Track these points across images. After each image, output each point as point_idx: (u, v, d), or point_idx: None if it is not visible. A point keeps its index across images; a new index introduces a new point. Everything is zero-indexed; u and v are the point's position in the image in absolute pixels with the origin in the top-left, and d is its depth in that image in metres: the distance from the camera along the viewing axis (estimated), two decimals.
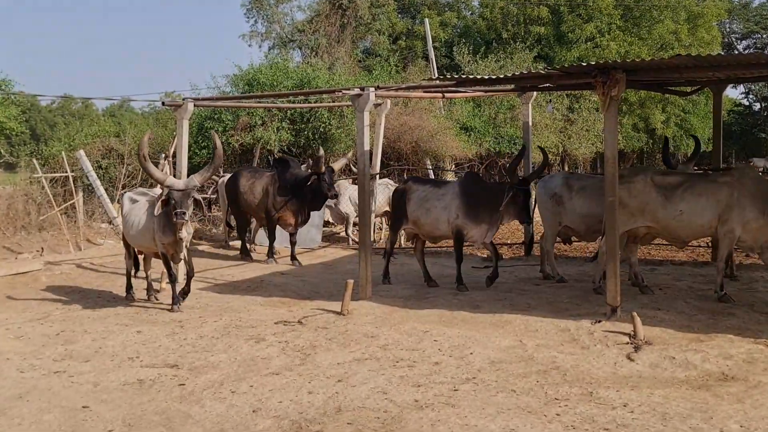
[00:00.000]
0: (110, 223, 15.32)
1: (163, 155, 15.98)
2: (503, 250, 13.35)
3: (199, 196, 8.17)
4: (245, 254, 12.58)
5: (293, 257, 11.97)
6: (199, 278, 10.53)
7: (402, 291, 9.59)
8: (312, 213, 12.26)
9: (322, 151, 11.90)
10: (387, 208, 14.49)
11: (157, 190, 9.05)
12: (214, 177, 13.98)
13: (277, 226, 12.65)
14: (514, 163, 9.35)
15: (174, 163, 12.51)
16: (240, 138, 17.13)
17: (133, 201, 9.05)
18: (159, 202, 8.10)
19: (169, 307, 8.57)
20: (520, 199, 9.10)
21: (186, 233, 8.19)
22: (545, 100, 23.28)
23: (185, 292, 8.64)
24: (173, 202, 7.99)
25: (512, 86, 10.92)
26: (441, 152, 20.98)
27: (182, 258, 8.53)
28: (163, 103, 11.53)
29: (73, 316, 8.41)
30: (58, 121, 33.86)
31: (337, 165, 12.39)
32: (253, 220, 13.06)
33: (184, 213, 7.90)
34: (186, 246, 8.42)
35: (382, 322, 7.84)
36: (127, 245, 9.30)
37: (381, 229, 15.45)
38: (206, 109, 17.19)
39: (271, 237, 12.33)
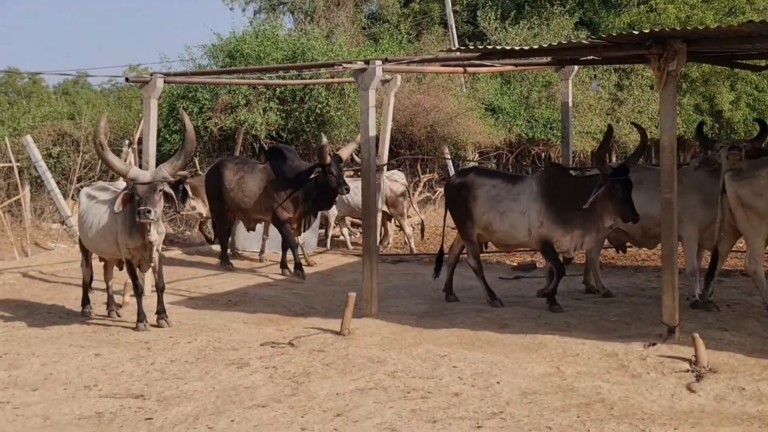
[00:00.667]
0: (63, 223, 15.39)
1: (127, 142, 16.06)
2: (531, 256, 13.35)
3: (170, 190, 8.19)
4: (225, 262, 12.59)
5: (297, 266, 11.72)
6: (170, 290, 10.57)
7: (414, 306, 9.61)
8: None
9: (325, 139, 11.76)
10: (384, 208, 14.48)
11: (121, 184, 9.11)
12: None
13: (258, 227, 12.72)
14: (602, 148, 8.90)
15: (140, 152, 12.56)
16: (219, 121, 17.19)
17: (92, 197, 9.09)
18: (120, 198, 8.14)
19: (134, 325, 8.60)
20: (619, 192, 8.54)
21: (156, 235, 8.23)
22: (588, 75, 23.26)
23: (160, 312, 8.68)
24: (137, 198, 8.03)
25: (549, 59, 10.92)
26: (462, 138, 21.01)
27: (152, 266, 8.57)
28: (126, 79, 11.56)
29: (18, 335, 8.46)
30: None
31: (345, 152, 12.17)
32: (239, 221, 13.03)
33: (150, 211, 7.93)
34: (157, 250, 8.46)
35: (390, 343, 7.86)
36: (84, 250, 9.35)
37: (393, 233, 15.49)
38: (179, 87, 17.26)
39: (287, 242, 11.93)
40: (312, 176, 11.62)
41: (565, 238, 9.00)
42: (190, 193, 8.34)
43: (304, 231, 12.35)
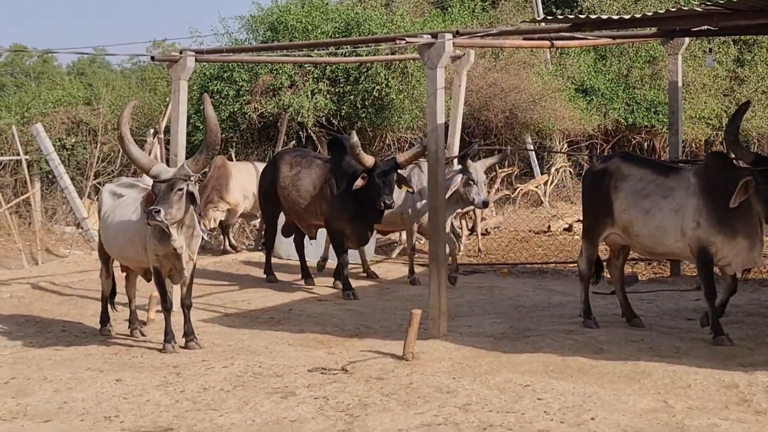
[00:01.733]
0: (79, 226, 15.62)
1: (152, 131, 16.31)
2: (632, 267, 13.21)
3: (194, 190, 8.27)
4: (269, 274, 12.65)
5: (345, 286, 11.61)
6: (201, 305, 10.70)
7: (490, 326, 9.59)
8: None
9: (355, 138, 11.06)
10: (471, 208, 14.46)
11: (149, 180, 9.26)
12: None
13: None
14: (733, 127, 8.38)
15: (167, 143, 12.73)
16: (260, 106, 17.35)
17: (117, 195, 9.24)
18: (145, 197, 8.28)
19: (161, 346, 8.72)
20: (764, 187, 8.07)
21: (180, 241, 8.31)
22: (702, 49, 22.92)
23: (188, 333, 8.78)
24: (155, 196, 8.16)
25: (653, 30, 10.80)
26: (547, 125, 20.91)
27: (185, 278, 8.66)
28: (152, 58, 11.73)
29: (28, 357, 8.62)
30: (5, 82, 34.76)
31: (405, 156, 11.33)
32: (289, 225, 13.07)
33: (159, 211, 7.96)
34: (191, 259, 8.56)
35: (462, 370, 7.84)
36: (105, 258, 9.50)
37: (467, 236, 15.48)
38: (212, 66, 17.47)
39: (340, 257, 11.77)
40: (355, 183, 11.20)
41: (727, 246, 8.49)
42: (197, 196, 8.37)
43: (360, 245, 12.13)
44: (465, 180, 11.51)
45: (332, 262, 12.65)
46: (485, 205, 11.99)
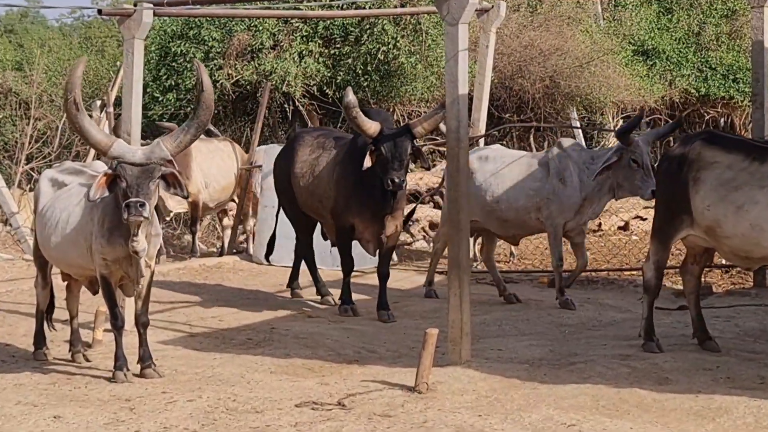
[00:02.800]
0: (7, 223, 15.64)
1: (99, 103, 16.30)
2: (705, 276, 13.20)
3: (171, 169, 8.24)
4: (294, 287, 12.54)
5: (344, 299, 11.53)
6: (161, 323, 10.71)
7: (525, 349, 9.58)
8: None
9: (350, 95, 10.73)
10: None
11: (100, 166, 9.19)
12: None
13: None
14: None
15: (117, 117, 12.72)
16: (234, 72, 17.36)
17: (58, 184, 9.21)
18: (98, 181, 8.21)
19: (110, 373, 8.70)
20: None
21: (145, 243, 8.28)
22: None
23: (144, 358, 8.77)
24: (125, 184, 8.09)
25: None
26: (597, 96, 20.89)
27: (140, 288, 8.65)
28: (99, 11, 11.72)
29: None
30: None
31: (422, 125, 11.11)
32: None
33: (143, 204, 7.96)
34: (148, 266, 8.53)
35: (490, 406, 7.84)
36: (41, 264, 9.46)
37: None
38: (175, 22, 17.48)
39: (344, 261, 11.61)
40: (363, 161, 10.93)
41: None
42: (183, 183, 8.37)
43: (375, 250, 11.63)
44: (627, 161, 11.08)
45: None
46: (654, 195, 10.64)
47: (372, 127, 10.83)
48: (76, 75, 8.29)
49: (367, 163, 10.82)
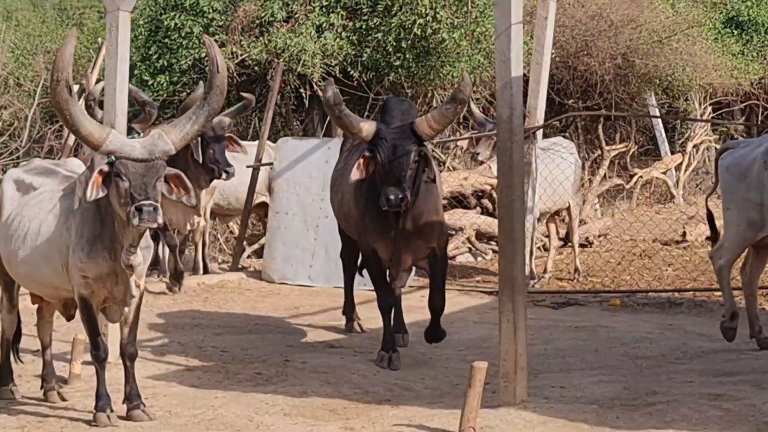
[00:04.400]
0: None
1: (77, 87, 16.37)
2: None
3: (178, 172, 8.28)
4: (350, 320, 12.37)
5: (385, 343, 10.98)
6: (150, 354, 10.75)
7: (595, 387, 9.57)
8: None
9: (331, 90, 10.25)
10: (565, 205, 14.53)
11: (75, 164, 9.22)
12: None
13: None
14: None
15: (100, 105, 12.77)
16: (240, 50, 17.41)
17: (26, 187, 9.22)
18: (94, 181, 8.20)
19: (90, 414, 8.76)
20: None
21: (140, 257, 8.32)
22: None
23: (131, 397, 8.79)
24: (127, 184, 8.09)
25: None
26: (680, 78, 20.84)
27: (127, 312, 8.67)
28: None
29: None
30: None
31: (432, 119, 10.35)
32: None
33: (157, 208, 7.98)
34: (138, 285, 8.55)
35: None
36: (6, 283, 9.51)
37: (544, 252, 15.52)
38: None
39: (379, 297, 11.07)
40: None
41: None
42: (191, 186, 8.40)
43: (406, 277, 11.50)
44: None
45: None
46: None
47: (364, 128, 10.30)
48: (66, 53, 8.11)
49: (354, 175, 10.33)
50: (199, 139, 12.94)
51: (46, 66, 17.73)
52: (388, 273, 10.96)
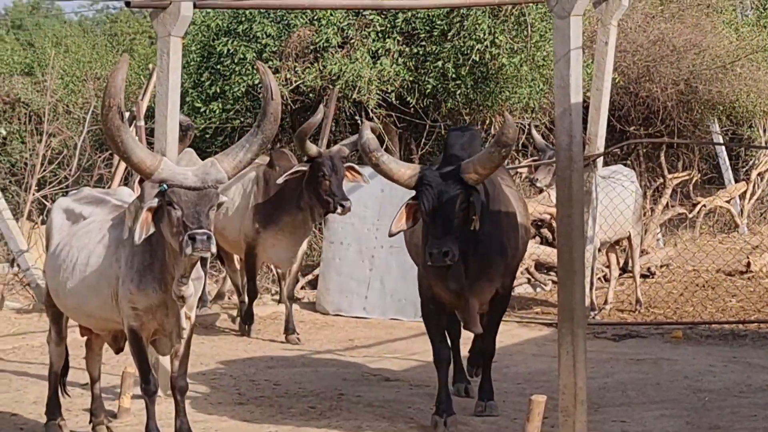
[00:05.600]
0: (14, 263, 15.76)
1: (128, 115, 16.42)
2: None
3: (226, 199, 8.27)
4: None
5: (437, 405, 10.10)
6: (199, 387, 10.75)
7: (657, 421, 9.55)
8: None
9: (367, 134, 9.70)
10: (626, 234, 14.45)
11: (125, 193, 9.22)
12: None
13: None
14: None
15: (150, 133, 12.80)
16: (294, 76, 17.45)
17: (75, 216, 9.25)
18: (143, 221, 8.17)
19: None
20: None
21: (192, 288, 8.28)
22: None
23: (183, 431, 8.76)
24: (180, 213, 8.06)
25: None
26: (746, 105, 20.73)
27: (179, 345, 8.64)
28: (127, 4, 11.84)
29: None
30: None
31: (479, 171, 9.64)
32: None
33: (211, 237, 7.93)
34: (188, 318, 8.51)
35: None
36: (55, 314, 9.50)
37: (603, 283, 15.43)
38: (220, 15, 17.60)
39: (434, 351, 10.19)
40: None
41: None
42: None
43: (469, 325, 10.26)
44: None
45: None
46: None
47: (406, 175, 9.62)
48: (118, 78, 8.06)
49: (397, 226, 9.66)
50: (314, 167, 12.76)
51: (96, 93, 17.82)
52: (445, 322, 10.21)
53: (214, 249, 7.90)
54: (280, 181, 12.45)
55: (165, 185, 8.04)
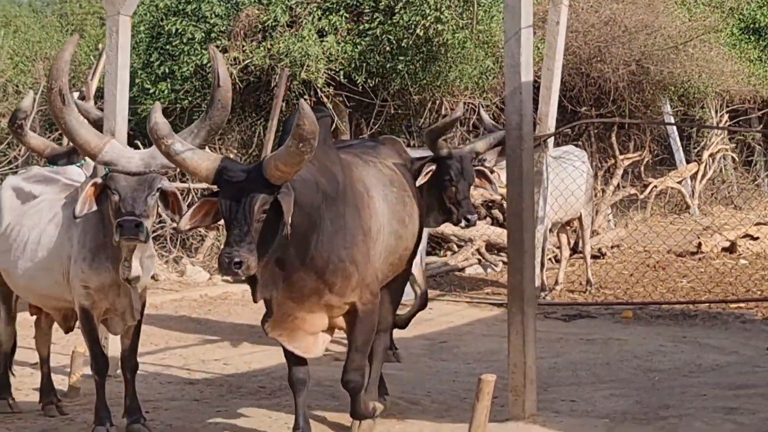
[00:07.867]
0: None
1: (77, 94, 16.40)
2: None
3: (172, 188, 8.23)
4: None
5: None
6: (150, 367, 10.81)
7: (606, 401, 9.58)
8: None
9: (154, 120, 8.26)
10: (577, 215, 14.55)
11: (74, 172, 9.22)
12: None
13: None
14: None
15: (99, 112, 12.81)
16: (243, 55, 17.42)
17: (25, 195, 9.27)
18: (86, 194, 8.17)
19: (90, 428, 8.75)
20: None
21: (139, 268, 8.29)
22: None
23: (131, 411, 8.77)
24: (117, 197, 8.08)
25: None
26: (696, 85, 20.83)
27: (130, 325, 8.66)
28: None
29: None
30: None
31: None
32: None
33: (140, 224, 7.92)
34: (139, 300, 8.54)
35: None
36: (4, 294, 9.55)
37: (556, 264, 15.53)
38: None
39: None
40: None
41: None
42: (184, 207, 8.23)
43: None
44: None
45: None
46: None
47: (203, 165, 7.68)
48: (63, 59, 8.14)
49: (192, 222, 8.01)
50: (441, 168, 10.74)
51: (45, 73, 17.76)
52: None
53: (143, 237, 7.81)
54: (418, 183, 10.52)
55: (107, 168, 8.06)
